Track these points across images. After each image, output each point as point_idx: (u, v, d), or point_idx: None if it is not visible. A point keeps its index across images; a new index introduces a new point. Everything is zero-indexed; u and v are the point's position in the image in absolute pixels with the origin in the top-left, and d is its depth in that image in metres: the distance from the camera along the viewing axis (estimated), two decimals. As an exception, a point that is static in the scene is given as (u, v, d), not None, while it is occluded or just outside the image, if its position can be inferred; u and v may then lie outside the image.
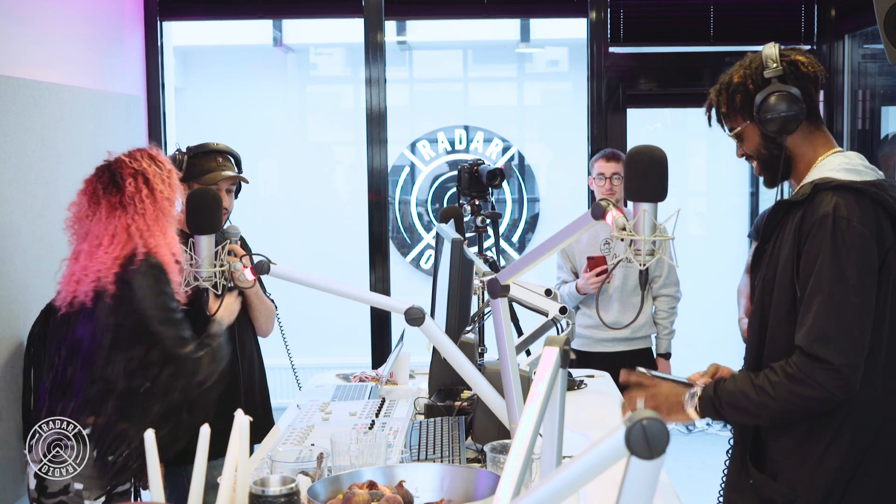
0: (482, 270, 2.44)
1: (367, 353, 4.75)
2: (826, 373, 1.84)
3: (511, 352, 2.04)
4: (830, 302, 1.85)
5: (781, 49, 1.98)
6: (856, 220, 1.85)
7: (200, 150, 3.04)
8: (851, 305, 1.84)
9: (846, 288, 1.84)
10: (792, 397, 1.87)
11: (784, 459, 1.97)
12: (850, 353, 1.84)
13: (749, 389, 1.93)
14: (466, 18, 5.33)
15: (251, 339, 3.16)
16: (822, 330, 1.84)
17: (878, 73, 4.67)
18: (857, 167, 1.93)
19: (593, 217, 1.78)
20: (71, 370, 2.41)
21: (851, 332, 1.84)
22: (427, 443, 2.33)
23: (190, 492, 1.51)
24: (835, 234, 1.85)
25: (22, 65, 3.14)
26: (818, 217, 1.87)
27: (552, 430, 1.22)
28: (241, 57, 6.11)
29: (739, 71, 2.01)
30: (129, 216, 2.45)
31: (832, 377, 1.83)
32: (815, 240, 1.87)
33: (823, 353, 1.83)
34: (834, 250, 1.85)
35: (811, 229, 1.88)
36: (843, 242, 1.85)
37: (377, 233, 4.68)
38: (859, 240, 1.85)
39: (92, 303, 2.39)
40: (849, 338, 1.84)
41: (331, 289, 2.21)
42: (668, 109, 5.98)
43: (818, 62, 1.99)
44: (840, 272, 1.85)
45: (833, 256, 1.85)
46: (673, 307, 4.07)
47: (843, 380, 1.83)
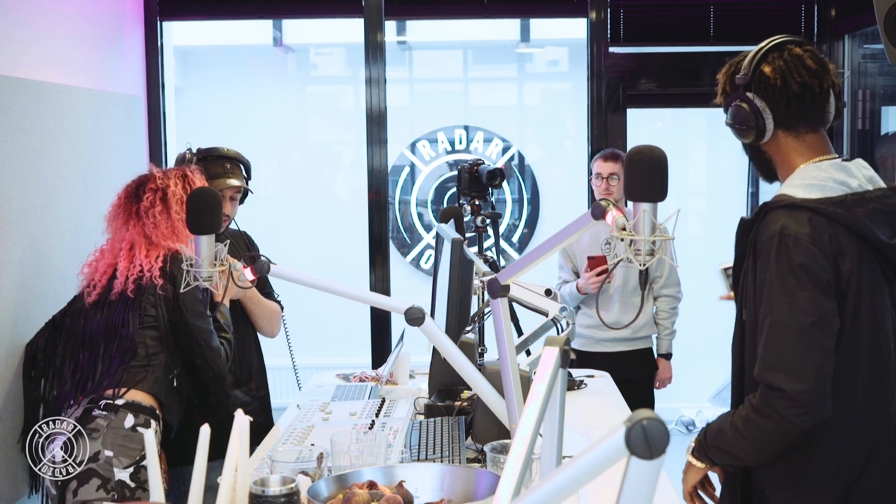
0: (482, 270, 2.44)
1: (367, 353, 4.75)
2: (782, 401, 1.76)
3: (511, 352, 2.04)
4: (780, 326, 1.78)
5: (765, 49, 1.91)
6: (804, 238, 1.79)
7: (210, 153, 3.05)
8: (802, 328, 1.76)
9: (795, 310, 1.77)
10: (758, 432, 1.81)
11: (771, 491, 1.91)
12: (806, 379, 1.75)
13: (727, 428, 1.87)
14: (466, 18, 5.33)
15: (251, 340, 3.16)
16: (773, 356, 1.78)
17: (878, 73, 4.67)
18: (823, 182, 1.85)
19: (593, 217, 1.78)
20: (104, 349, 2.59)
21: (805, 355, 1.76)
22: (427, 443, 2.33)
23: (190, 492, 1.51)
24: (780, 254, 1.79)
25: (22, 65, 3.14)
26: (766, 237, 1.83)
27: (552, 430, 1.22)
28: (241, 57, 6.11)
29: (726, 69, 1.99)
30: (144, 227, 2.69)
31: (789, 406, 1.76)
32: (763, 261, 1.83)
33: (777, 380, 1.77)
34: (779, 271, 1.79)
35: (761, 249, 1.84)
36: (788, 262, 1.78)
37: (377, 233, 4.68)
38: (808, 259, 1.78)
39: (133, 294, 2.61)
40: (802, 362, 1.76)
41: (331, 289, 2.21)
42: (668, 109, 5.98)
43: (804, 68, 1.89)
44: (787, 294, 1.78)
45: (779, 277, 1.79)
46: (674, 307, 4.07)
47: (801, 407, 1.75)
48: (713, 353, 5.78)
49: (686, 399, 5.86)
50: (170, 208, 2.69)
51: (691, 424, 5.91)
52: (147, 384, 2.57)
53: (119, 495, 2.44)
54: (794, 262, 1.78)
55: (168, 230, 2.69)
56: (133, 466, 2.47)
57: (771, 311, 1.80)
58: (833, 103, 1.93)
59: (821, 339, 1.78)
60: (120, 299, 2.63)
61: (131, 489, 2.45)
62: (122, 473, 2.45)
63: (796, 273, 1.78)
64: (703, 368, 5.78)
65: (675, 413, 5.92)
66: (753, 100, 1.90)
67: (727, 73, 1.98)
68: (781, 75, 1.88)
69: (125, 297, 2.62)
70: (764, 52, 1.91)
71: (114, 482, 2.44)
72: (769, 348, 1.79)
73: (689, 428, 5.89)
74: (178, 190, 2.71)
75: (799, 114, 1.90)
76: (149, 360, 2.59)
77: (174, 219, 2.69)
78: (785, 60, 1.89)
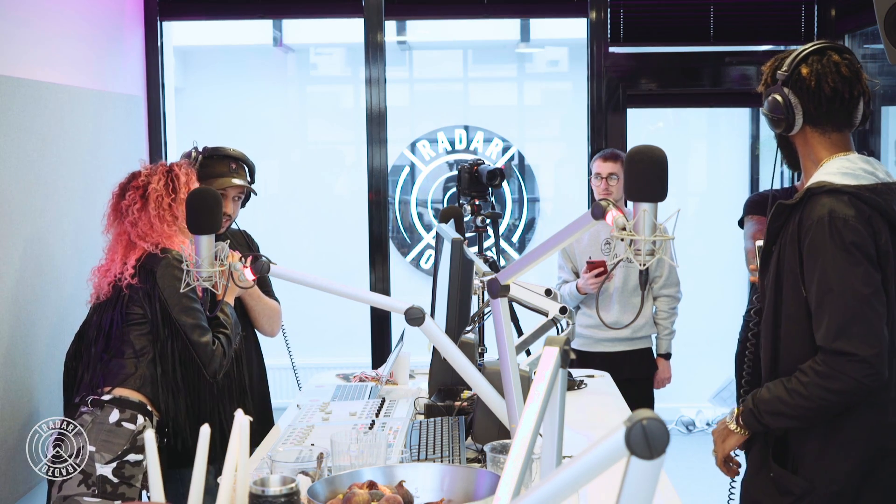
0: (482, 270, 2.44)
1: (367, 353, 4.75)
2: (854, 364, 1.93)
3: (511, 352, 2.04)
4: (843, 297, 1.94)
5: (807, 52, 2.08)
6: (852, 218, 1.97)
7: (216, 152, 3.05)
8: (864, 297, 1.94)
9: (856, 282, 1.94)
10: (826, 394, 1.96)
11: (805, 455, 2.06)
12: (874, 343, 1.93)
13: (784, 394, 2.02)
14: (466, 18, 5.33)
15: (251, 339, 3.16)
16: (841, 326, 1.94)
17: (878, 73, 4.67)
18: (855, 171, 2.03)
19: (593, 217, 1.78)
20: (94, 349, 2.61)
21: (870, 322, 1.93)
22: (427, 443, 2.33)
23: (190, 492, 1.50)
24: (833, 233, 1.96)
25: (22, 65, 3.14)
26: (815, 220, 1.99)
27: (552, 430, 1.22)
28: (241, 57, 6.11)
29: (771, 62, 2.16)
30: (124, 225, 2.68)
31: (861, 368, 1.92)
32: (816, 241, 1.98)
33: (848, 346, 1.93)
34: (836, 249, 1.95)
35: (809, 232, 1.99)
36: (842, 240, 1.95)
37: (377, 233, 4.68)
38: (858, 237, 1.95)
39: (108, 295, 2.65)
40: (869, 328, 1.93)
41: (331, 289, 2.21)
42: (668, 109, 5.98)
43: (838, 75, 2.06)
44: (847, 268, 1.95)
45: (837, 255, 1.95)
46: (673, 307, 4.07)
47: (871, 368, 1.92)
48: (713, 353, 5.79)
49: (686, 399, 5.86)
50: (148, 205, 2.66)
51: (691, 424, 5.91)
52: (135, 380, 2.57)
53: (100, 490, 2.43)
54: (846, 241, 1.96)
55: (146, 228, 2.66)
56: (115, 462, 2.47)
57: (831, 285, 1.96)
58: (861, 109, 2.11)
59: (879, 307, 1.96)
60: (107, 301, 2.66)
61: (113, 484, 2.45)
62: (103, 468, 2.44)
63: (850, 250, 1.95)
64: (703, 368, 5.78)
65: (675, 413, 5.92)
66: (788, 95, 2.08)
67: (772, 65, 2.15)
68: (816, 78, 2.07)
69: (109, 299, 2.65)
70: (806, 54, 2.08)
71: (95, 477, 2.44)
72: (835, 318, 1.94)
73: (688, 428, 5.89)
74: (159, 187, 2.68)
75: (828, 115, 2.08)
76: (137, 357, 2.59)
77: (152, 215, 2.66)
78: (823, 65, 2.07)
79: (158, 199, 2.65)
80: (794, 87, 2.07)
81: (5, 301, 2.91)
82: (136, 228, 2.66)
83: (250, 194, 3.15)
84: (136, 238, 2.66)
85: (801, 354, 2.03)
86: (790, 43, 4.69)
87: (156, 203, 2.66)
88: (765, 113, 2.13)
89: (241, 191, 3.07)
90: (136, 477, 2.50)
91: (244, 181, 3.08)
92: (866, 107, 2.12)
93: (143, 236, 2.66)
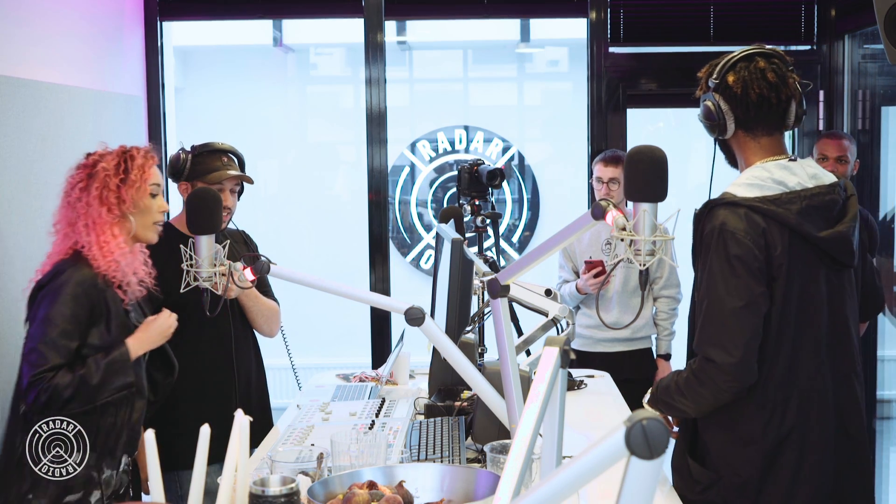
0: (482, 270, 2.44)
1: (367, 353, 4.75)
2: (715, 370, 2.06)
3: (511, 352, 2.04)
4: (715, 307, 2.07)
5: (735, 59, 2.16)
6: (740, 232, 2.06)
7: (205, 148, 3.03)
8: (734, 310, 2.05)
9: (729, 293, 2.06)
10: (694, 393, 2.11)
11: (710, 447, 2.18)
12: (734, 352, 2.04)
13: (672, 385, 2.17)
14: (466, 18, 5.33)
15: (248, 340, 3.13)
16: (708, 333, 2.08)
17: (878, 73, 4.67)
18: (764, 182, 2.12)
19: (593, 217, 1.78)
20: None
21: (735, 333, 2.05)
22: (427, 443, 2.33)
23: (190, 492, 1.50)
24: (720, 245, 2.07)
25: (22, 65, 3.14)
26: (709, 230, 2.11)
27: (552, 430, 1.22)
28: (241, 57, 6.11)
29: (706, 68, 2.25)
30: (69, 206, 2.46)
31: (721, 374, 2.06)
32: (706, 250, 2.11)
33: (711, 354, 2.07)
34: (718, 259, 2.07)
35: (705, 240, 2.12)
36: (726, 253, 2.06)
37: (377, 233, 4.68)
38: (742, 251, 2.05)
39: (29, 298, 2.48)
40: (732, 338, 2.05)
41: (331, 289, 2.21)
42: (668, 109, 5.97)
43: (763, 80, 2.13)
44: (723, 279, 2.06)
45: (717, 265, 2.07)
46: (674, 308, 4.07)
47: (728, 375, 2.05)
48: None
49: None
50: (92, 184, 2.44)
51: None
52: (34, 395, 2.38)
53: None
54: (730, 253, 2.06)
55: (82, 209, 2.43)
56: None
57: (708, 294, 2.09)
58: (794, 111, 2.18)
59: (749, 319, 2.06)
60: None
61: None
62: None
63: (731, 262, 2.06)
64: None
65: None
66: (719, 102, 2.17)
67: (706, 72, 2.25)
68: (742, 84, 2.15)
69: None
70: (734, 62, 2.17)
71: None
72: (706, 326, 2.09)
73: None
74: (109, 166, 2.45)
75: (756, 119, 2.17)
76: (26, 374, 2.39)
77: (92, 196, 2.43)
78: (749, 71, 2.15)
79: (106, 178, 2.43)
80: (724, 94, 2.17)
81: (5, 300, 2.91)
82: (74, 210, 2.44)
83: (244, 185, 3.13)
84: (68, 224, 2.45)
85: None
86: (790, 43, 4.69)
87: (101, 182, 2.43)
88: (700, 119, 2.23)
89: (237, 182, 3.04)
90: None
91: (238, 171, 3.05)
92: (799, 107, 2.18)
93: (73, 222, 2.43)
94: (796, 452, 2.12)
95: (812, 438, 2.13)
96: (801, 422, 2.12)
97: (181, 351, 2.92)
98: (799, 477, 2.11)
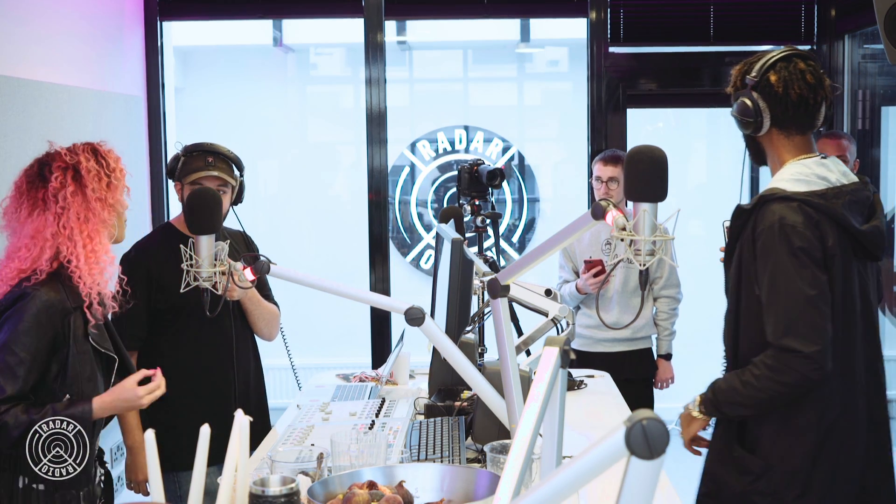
0: (482, 270, 2.44)
1: (367, 353, 4.75)
2: (799, 360, 2.09)
3: (511, 352, 2.04)
4: (790, 298, 2.11)
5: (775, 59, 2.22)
6: (800, 225, 2.12)
7: (195, 148, 2.99)
8: (809, 298, 2.10)
9: (803, 283, 2.11)
10: (775, 385, 2.12)
11: (762, 437, 2.22)
12: (817, 340, 2.09)
13: (738, 385, 2.18)
14: (466, 18, 5.33)
15: (248, 341, 3.12)
16: (787, 324, 2.11)
17: (878, 73, 4.67)
18: (808, 178, 2.19)
19: (593, 217, 1.78)
20: None
21: (814, 321, 2.10)
22: (427, 443, 2.33)
23: (190, 492, 1.51)
24: (782, 239, 2.12)
25: (22, 65, 3.14)
26: (766, 225, 2.15)
27: (552, 430, 1.22)
28: (241, 57, 6.11)
29: (743, 64, 2.28)
30: (50, 214, 2.27)
31: (805, 363, 2.09)
32: (766, 245, 2.14)
33: (793, 344, 2.09)
34: (784, 253, 2.12)
35: (761, 236, 2.15)
36: (790, 245, 2.12)
37: (377, 233, 4.68)
38: (805, 242, 2.12)
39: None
40: (812, 326, 2.10)
41: (331, 289, 2.21)
42: (668, 109, 5.98)
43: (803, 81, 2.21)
44: (794, 271, 2.11)
45: (785, 259, 2.12)
46: (674, 308, 4.07)
47: (815, 363, 2.09)
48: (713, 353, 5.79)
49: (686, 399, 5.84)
50: (84, 186, 2.29)
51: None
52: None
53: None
54: (794, 246, 2.11)
55: (82, 210, 2.28)
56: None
57: (778, 287, 2.12)
58: (823, 112, 2.26)
59: (823, 307, 2.11)
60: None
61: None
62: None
63: (797, 254, 2.11)
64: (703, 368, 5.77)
65: (675, 413, 5.90)
66: (757, 100, 2.21)
67: (741, 70, 2.27)
68: (784, 84, 2.20)
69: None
70: (773, 61, 2.21)
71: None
72: (783, 317, 2.11)
73: (689, 428, 5.88)
74: (91, 165, 2.30)
75: (793, 118, 2.22)
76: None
77: (90, 198, 2.29)
78: (790, 72, 2.21)
79: (97, 178, 2.30)
80: (763, 92, 2.21)
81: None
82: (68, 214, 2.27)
83: (242, 191, 3.09)
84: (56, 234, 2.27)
85: (757, 347, 2.18)
86: (790, 43, 4.68)
87: (95, 184, 2.29)
88: (734, 115, 2.26)
89: (220, 183, 2.96)
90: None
91: (224, 174, 2.96)
92: (828, 110, 2.28)
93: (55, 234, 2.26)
94: (838, 441, 2.18)
95: (850, 428, 2.20)
96: (844, 411, 2.18)
97: (181, 351, 2.92)
98: (840, 465, 2.19)
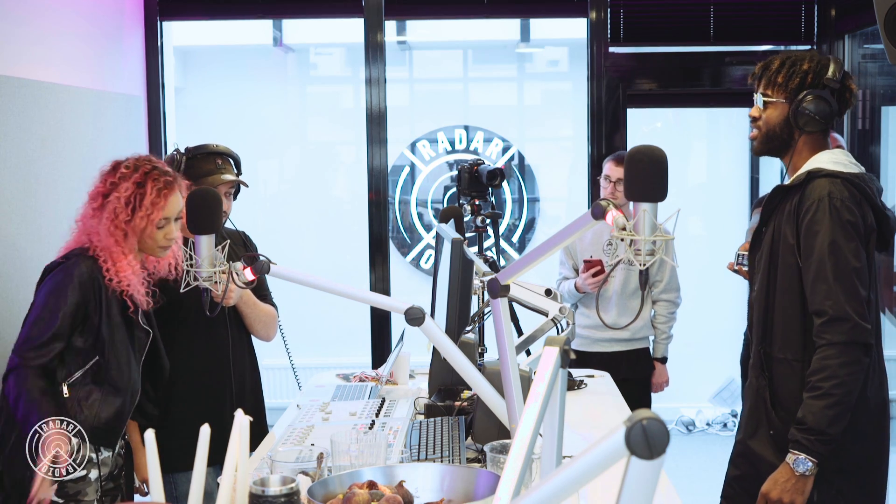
0: (482, 270, 2.44)
1: (367, 353, 4.75)
2: (852, 327, 2.19)
3: (511, 352, 2.04)
4: (838, 268, 2.20)
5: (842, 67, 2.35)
6: (847, 200, 2.23)
7: (200, 151, 2.98)
8: (855, 269, 2.21)
9: (851, 254, 2.21)
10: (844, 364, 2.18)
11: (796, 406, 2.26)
12: (860, 309, 2.20)
13: (818, 401, 2.20)
14: (466, 18, 5.33)
15: (244, 343, 3.11)
16: (837, 293, 2.20)
17: (878, 73, 4.67)
18: (843, 162, 2.31)
19: (593, 217, 1.78)
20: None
21: (858, 292, 2.21)
22: (427, 443, 2.33)
23: (190, 492, 1.50)
24: (832, 212, 2.22)
25: (22, 65, 3.14)
26: (815, 199, 2.24)
27: (552, 430, 1.22)
28: (241, 57, 6.11)
29: (811, 61, 2.33)
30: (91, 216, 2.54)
31: (857, 330, 2.19)
32: (815, 218, 2.23)
33: (848, 309, 2.19)
34: (833, 225, 2.21)
35: (809, 209, 2.24)
36: (840, 218, 2.22)
37: (377, 233, 4.68)
38: (852, 216, 2.23)
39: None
40: (857, 296, 2.20)
41: (331, 289, 2.21)
42: (668, 109, 5.98)
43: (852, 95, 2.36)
44: (843, 242, 2.21)
45: (834, 230, 2.21)
46: (672, 312, 4.06)
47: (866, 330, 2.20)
48: (713, 353, 5.79)
49: (686, 399, 5.86)
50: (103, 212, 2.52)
51: (691, 424, 5.90)
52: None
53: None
54: (843, 218, 2.22)
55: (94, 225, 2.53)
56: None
57: (827, 258, 2.21)
58: None
59: (865, 280, 2.24)
60: None
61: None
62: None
63: (846, 227, 2.22)
64: (703, 368, 5.78)
65: (674, 413, 5.91)
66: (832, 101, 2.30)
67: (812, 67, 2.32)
68: (852, 94, 2.36)
69: None
70: (842, 68, 2.33)
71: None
72: (834, 287, 2.20)
73: (688, 428, 5.88)
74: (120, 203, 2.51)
75: (835, 123, 2.41)
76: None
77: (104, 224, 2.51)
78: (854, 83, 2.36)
79: (114, 211, 2.51)
80: (840, 96, 2.31)
81: (5, 302, 2.91)
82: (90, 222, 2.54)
83: (240, 188, 3.11)
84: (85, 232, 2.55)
85: (793, 324, 2.27)
86: (790, 43, 4.69)
87: (111, 214, 2.51)
88: (807, 111, 2.29)
89: (231, 186, 3.01)
90: (84, 491, 2.42)
91: (233, 175, 3.01)
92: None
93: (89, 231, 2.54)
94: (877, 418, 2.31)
95: (884, 405, 2.34)
96: (874, 384, 2.30)
97: (176, 352, 2.90)
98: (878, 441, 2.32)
